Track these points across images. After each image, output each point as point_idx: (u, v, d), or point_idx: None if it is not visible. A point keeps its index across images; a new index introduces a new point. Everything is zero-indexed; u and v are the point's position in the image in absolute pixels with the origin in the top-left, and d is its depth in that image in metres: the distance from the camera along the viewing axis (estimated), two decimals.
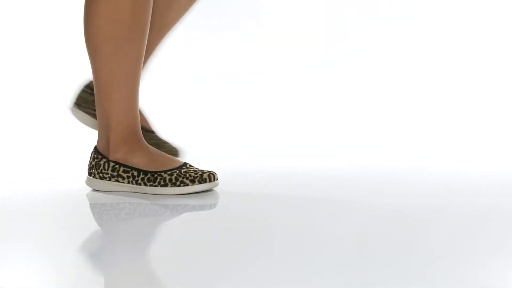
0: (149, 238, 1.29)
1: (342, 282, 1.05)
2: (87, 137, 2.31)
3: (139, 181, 1.56)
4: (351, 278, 1.06)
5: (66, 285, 1.06)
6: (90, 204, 1.52)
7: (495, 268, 1.12)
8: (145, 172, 1.55)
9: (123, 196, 1.57)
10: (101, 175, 1.58)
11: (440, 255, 1.17)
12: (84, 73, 2.82)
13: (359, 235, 1.30)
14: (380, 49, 2.92)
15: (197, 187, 1.54)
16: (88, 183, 1.60)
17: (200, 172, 1.55)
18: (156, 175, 1.55)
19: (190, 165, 1.57)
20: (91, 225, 1.37)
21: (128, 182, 1.56)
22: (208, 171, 1.56)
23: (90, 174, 1.60)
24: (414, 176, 1.77)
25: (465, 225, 1.36)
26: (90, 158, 1.60)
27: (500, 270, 1.11)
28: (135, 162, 1.56)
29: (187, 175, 1.54)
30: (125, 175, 1.56)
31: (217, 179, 1.56)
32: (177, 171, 1.55)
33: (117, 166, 1.57)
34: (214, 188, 1.56)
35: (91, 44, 1.55)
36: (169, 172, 1.55)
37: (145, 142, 1.59)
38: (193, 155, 1.76)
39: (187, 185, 1.54)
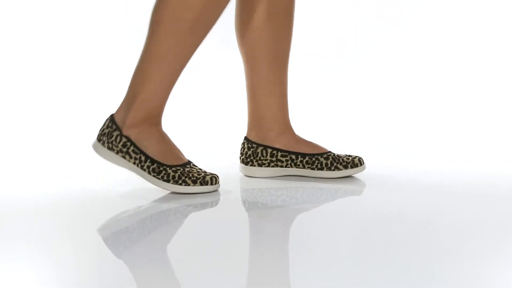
0: (149, 238, 1.29)
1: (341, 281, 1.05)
2: (87, 137, 2.32)
3: (145, 167, 1.57)
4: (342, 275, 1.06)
5: (66, 285, 1.06)
6: (91, 204, 1.52)
7: (495, 268, 1.12)
8: (152, 161, 1.56)
9: (123, 196, 1.58)
10: (110, 145, 1.59)
11: (440, 255, 1.17)
12: (84, 73, 2.83)
13: (358, 234, 1.30)
14: (380, 50, 2.92)
15: (198, 188, 1.55)
16: (95, 147, 1.61)
17: (203, 174, 1.56)
18: (161, 168, 1.55)
19: (194, 165, 1.58)
20: (91, 225, 1.37)
21: (134, 163, 1.57)
22: (211, 174, 1.56)
23: (99, 140, 1.61)
24: (414, 176, 1.77)
25: (465, 225, 1.36)
26: (104, 124, 1.61)
27: (500, 270, 1.11)
28: (145, 144, 1.57)
29: (190, 175, 1.55)
30: (133, 155, 1.57)
31: (218, 183, 1.57)
32: (182, 169, 1.56)
33: (128, 143, 1.57)
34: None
35: (157, 15, 1.54)
36: (173, 169, 1.55)
37: (162, 129, 1.60)
38: (197, 154, 1.76)
39: (188, 185, 1.54)
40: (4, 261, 1.16)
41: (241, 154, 1.75)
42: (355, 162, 1.71)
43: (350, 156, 1.73)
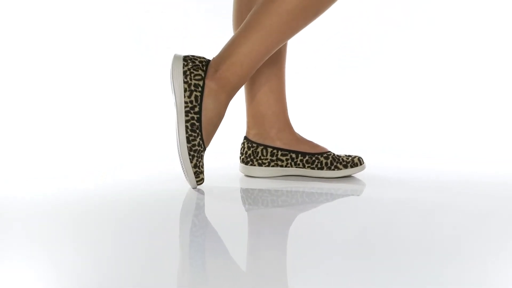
0: (149, 238, 1.29)
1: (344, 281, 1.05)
2: (87, 137, 2.31)
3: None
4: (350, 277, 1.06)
5: (66, 285, 1.06)
6: (91, 204, 1.52)
7: (495, 268, 1.12)
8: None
9: (123, 195, 1.58)
10: (187, 72, 1.57)
11: (440, 255, 1.17)
12: (84, 73, 2.82)
13: (358, 234, 1.30)
14: (380, 50, 2.92)
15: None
16: (175, 59, 1.58)
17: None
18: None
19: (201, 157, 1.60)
20: (91, 225, 1.37)
21: (184, 105, 1.55)
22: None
23: (185, 60, 1.58)
24: (414, 176, 1.77)
25: (465, 225, 1.36)
26: (202, 57, 1.60)
27: (500, 270, 1.11)
28: (209, 105, 1.57)
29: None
30: (193, 99, 1.56)
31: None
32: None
33: (199, 88, 1.57)
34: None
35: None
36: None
37: (228, 103, 1.61)
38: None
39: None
40: (4, 261, 1.16)
41: (241, 153, 1.75)
42: (355, 162, 1.71)
43: (349, 156, 1.73)
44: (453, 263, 1.13)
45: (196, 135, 1.55)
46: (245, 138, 1.75)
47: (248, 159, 1.73)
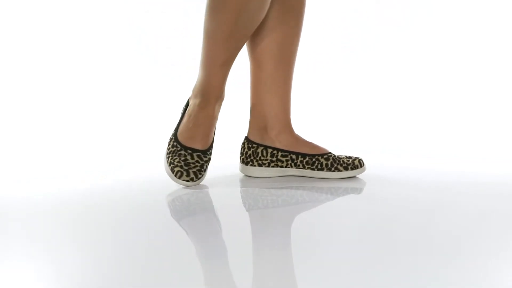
0: (150, 238, 1.29)
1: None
2: (87, 137, 2.32)
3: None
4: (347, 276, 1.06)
5: (66, 285, 1.06)
6: (91, 204, 1.52)
7: (495, 268, 1.12)
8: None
9: (123, 195, 1.58)
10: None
11: (441, 255, 1.17)
12: (84, 73, 2.82)
13: (358, 234, 1.30)
14: (380, 51, 2.92)
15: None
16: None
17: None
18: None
19: (202, 157, 1.67)
20: (91, 225, 1.37)
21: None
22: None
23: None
24: (414, 176, 1.77)
25: (465, 224, 1.36)
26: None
27: (500, 270, 1.11)
28: (187, 117, 1.70)
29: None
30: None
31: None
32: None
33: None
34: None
35: (204, 26, 1.66)
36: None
37: (211, 113, 1.70)
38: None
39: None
40: (4, 261, 1.16)
41: (241, 154, 1.75)
42: (355, 164, 1.71)
43: (350, 157, 1.73)
44: (453, 263, 1.13)
45: (170, 139, 1.69)
46: (246, 138, 1.76)
47: (248, 159, 1.74)
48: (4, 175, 1.79)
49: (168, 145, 1.69)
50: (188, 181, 1.62)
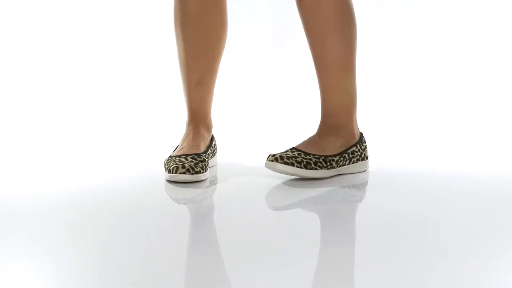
0: (150, 238, 1.29)
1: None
2: (86, 137, 2.32)
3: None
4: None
5: (66, 285, 1.06)
6: (91, 204, 1.52)
7: (495, 268, 1.12)
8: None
9: (123, 195, 1.58)
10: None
11: (441, 255, 1.17)
12: (84, 73, 2.82)
13: (358, 234, 1.30)
14: (380, 51, 2.92)
15: (166, 175, 1.66)
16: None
17: (174, 164, 1.64)
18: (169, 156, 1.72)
19: (201, 159, 1.67)
20: (91, 225, 1.37)
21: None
22: (180, 164, 1.64)
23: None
24: (414, 176, 1.77)
25: (465, 224, 1.36)
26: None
27: (500, 270, 1.11)
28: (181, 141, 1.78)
29: (170, 163, 1.66)
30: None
31: (180, 173, 1.61)
32: (174, 157, 1.69)
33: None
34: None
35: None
36: (171, 157, 1.70)
37: (199, 130, 1.78)
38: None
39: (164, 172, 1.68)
40: (4, 261, 1.16)
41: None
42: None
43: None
44: (453, 263, 1.13)
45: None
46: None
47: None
48: (4, 175, 1.79)
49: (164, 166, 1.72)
50: (184, 173, 1.61)
